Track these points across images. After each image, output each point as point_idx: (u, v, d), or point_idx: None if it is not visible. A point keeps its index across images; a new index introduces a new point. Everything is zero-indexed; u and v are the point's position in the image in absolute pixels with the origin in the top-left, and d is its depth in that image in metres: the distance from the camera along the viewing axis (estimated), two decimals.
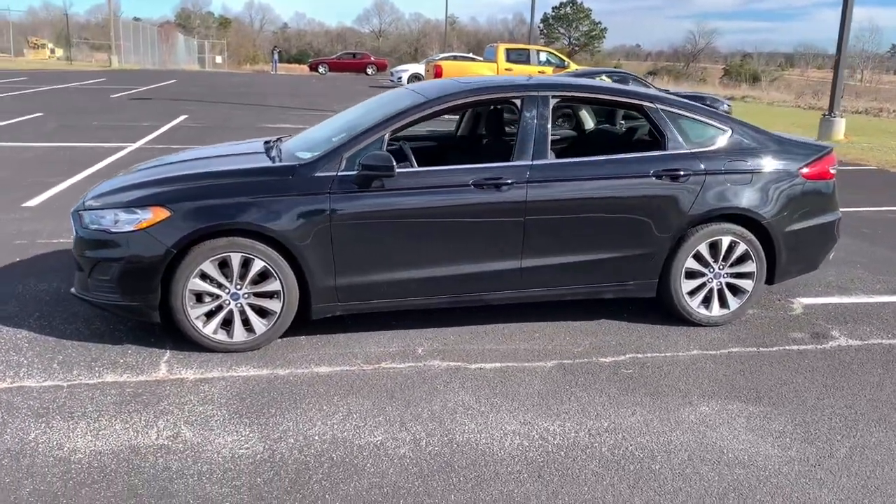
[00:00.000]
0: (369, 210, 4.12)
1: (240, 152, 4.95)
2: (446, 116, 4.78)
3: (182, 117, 16.42)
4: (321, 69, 46.60)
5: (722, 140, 4.65)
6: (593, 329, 4.64)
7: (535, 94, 4.46)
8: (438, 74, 21.32)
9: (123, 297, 4.02)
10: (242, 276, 4.04)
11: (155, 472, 2.99)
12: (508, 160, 4.36)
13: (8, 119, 14.76)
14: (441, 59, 26.26)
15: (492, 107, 5.40)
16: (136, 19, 70.96)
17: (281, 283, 4.07)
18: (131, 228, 3.96)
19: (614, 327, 4.68)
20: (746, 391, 3.86)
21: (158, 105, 19.40)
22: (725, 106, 14.91)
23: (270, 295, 4.11)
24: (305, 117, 16.77)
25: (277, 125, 15.25)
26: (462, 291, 4.38)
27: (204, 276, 4.00)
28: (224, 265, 4.02)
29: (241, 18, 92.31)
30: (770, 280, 4.78)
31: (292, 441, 3.25)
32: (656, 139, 4.65)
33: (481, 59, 25.18)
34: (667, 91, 16.22)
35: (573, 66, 21.62)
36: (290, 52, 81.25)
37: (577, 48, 75.14)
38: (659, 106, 4.61)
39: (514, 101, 4.49)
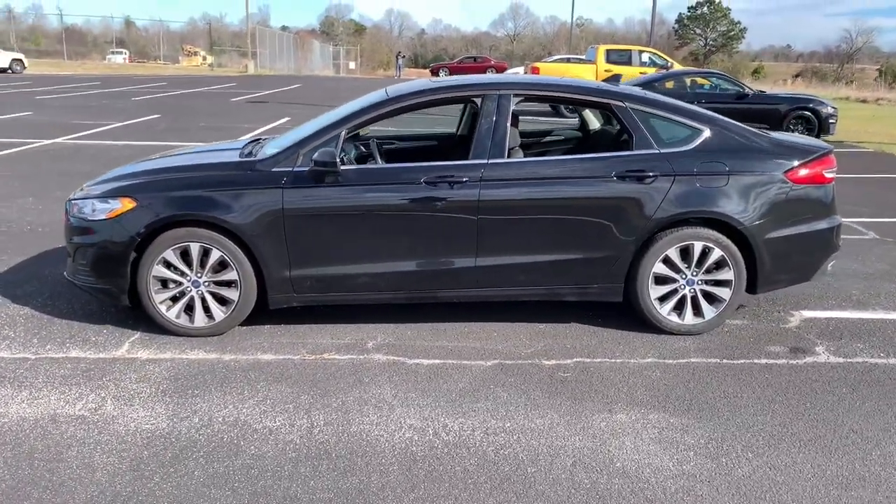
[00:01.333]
0: (321, 205, 4.25)
1: (222, 148, 5.21)
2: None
3: (284, 119, 17.24)
4: (442, 73, 47.38)
5: (698, 140, 4.42)
6: (557, 332, 4.54)
7: (494, 92, 4.43)
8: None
9: (98, 281, 4.36)
10: (203, 265, 4.28)
11: (61, 439, 3.25)
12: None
13: (128, 120, 16.07)
14: (553, 61, 26.02)
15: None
16: (283, 28, 75.17)
17: (238, 272, 4.28)
18: (104, 217, 4.29)
19: (579, 331, 4.56)
20: (679, 403, 3.67)
21: (270, 108, 20.46)
22: (830, 108, 13.98)
23: (229, 284, 4.32)
24: (401, 119, 17.12)
25: (372, 126, 15.65)
26: (416, 288, 4.42)
27: (167, 264, 4.27)
28: (186, 254, 4.27)
29: (381, 25, 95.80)
30: (752, 289, 4.50)
31: (196, 420, 3.43)
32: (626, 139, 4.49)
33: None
34: (761, 91, 15.44)
35: (677, 66, 20.87)
36: (426, 56, 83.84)
37: (713, 49, 72.14)
38: (628, 105, 4.45)
39: (474, 99, 4.49)
